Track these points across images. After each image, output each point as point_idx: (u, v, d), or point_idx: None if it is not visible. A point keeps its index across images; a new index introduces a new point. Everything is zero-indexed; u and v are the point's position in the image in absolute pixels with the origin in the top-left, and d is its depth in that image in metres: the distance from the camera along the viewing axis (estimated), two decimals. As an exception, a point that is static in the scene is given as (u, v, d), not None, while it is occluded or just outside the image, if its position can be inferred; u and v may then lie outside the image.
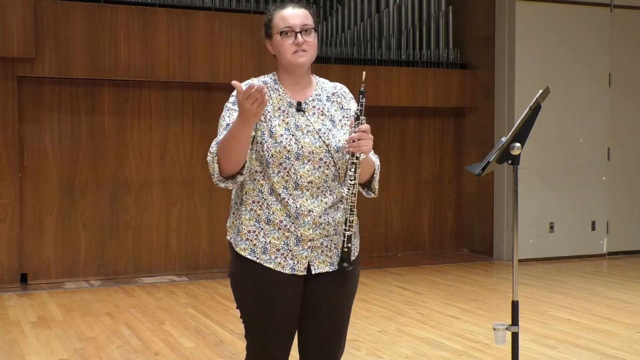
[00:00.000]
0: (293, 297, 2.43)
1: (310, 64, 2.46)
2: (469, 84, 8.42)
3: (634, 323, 5.33)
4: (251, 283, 2.44)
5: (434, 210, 8.62)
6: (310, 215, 2.39)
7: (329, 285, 2.46)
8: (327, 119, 2.46)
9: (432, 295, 6.31)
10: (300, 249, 2.41)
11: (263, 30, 2.50)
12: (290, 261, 2.41)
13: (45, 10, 6.48)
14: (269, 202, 2.40)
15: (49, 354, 4.51)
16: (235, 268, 2.50)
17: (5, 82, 6.46)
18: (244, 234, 2.43)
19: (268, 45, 2.49)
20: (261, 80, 2.48)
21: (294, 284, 2.42)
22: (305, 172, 2.39)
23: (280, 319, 2.43)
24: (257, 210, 2.41)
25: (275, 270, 2.40)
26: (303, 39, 2.40)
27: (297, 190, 2.39)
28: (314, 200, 2.40)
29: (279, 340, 2.46)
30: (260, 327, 2.45)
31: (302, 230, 2.39)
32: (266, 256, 2.41)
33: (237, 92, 2.19)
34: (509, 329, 2.84)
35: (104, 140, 6.95)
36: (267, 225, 2.40)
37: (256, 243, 2.42)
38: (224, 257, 7.36)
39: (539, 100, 2.75)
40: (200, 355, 4.50)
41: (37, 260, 6.71)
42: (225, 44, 7.07)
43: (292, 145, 2.38)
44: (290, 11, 2.42)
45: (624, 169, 8.50)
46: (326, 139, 2.42)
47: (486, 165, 2.84)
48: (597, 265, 7.90)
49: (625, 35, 8.45)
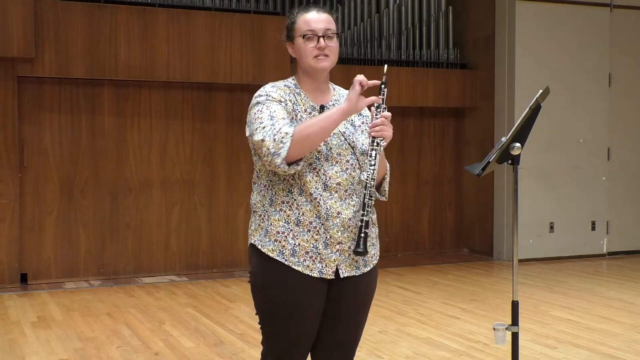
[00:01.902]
0: (318, 301, 2.41)
1: (330, 69, 2.48)
2: (469, 84, 8.42)
3: (634, 323, 5.33)
4: (278, 285, 2.39)
5: (434, 210, 8.62)
6: (339, 217, 2.39)
7: (352, 290, 2.45)
8: (348, 123, 2.49)
9: (432, 295, 6.31)
10: (329, 252, 2.39)
11: (285, 32, 2.50)
12: (319, 264, 2.38)
13: (45, 10, 6.48)
14: (299, 202, 2.37)
15: (49, 354, 4.51)
16: (261, 270, 2.42)
17: (5, 82, 6.46)
18: (273, 234, 2.38)
19: (289, 48, 2.49)
20: (283, 85, 2.47)
21: (320, 287, 2.40)
22: (334, 174, 2.39)
23: (304, 323, 2.41)
24: (287, 210, 2.38)
25: (304, 274, 2.37)
26: (325, 43, 2.41)
27: (326, 191, 2.38)
28: (342, 203, 2.40)
29: (299, 346, 2.44)
30: (283, 331, 2.42)
31: (331, 232, 2.38)
32: (295, 258, 2.37)
33: (356, 85, 2.35)
34: (509, 329, 2.84)
35: (104, 140, 6.95)
36: (297, 226, 2.37)
37: (285, 245, 2.37)
38: (224, 257, 7.37)
39: (539, 100, 2.75)
40: (200, 355, 4.50)
41: (37, 260, 6.71)
42: (225, 44, 7.07)
43: (321, 146, 2.38)
44: (314, 15, 2.43)
45: (624, 169, 8.50)
46: (351, 142, 2.44)
47: (486, 165, 2.84)
48: (597, 265, 7.90)
49: (625, 35, 8.45)
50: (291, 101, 2.42)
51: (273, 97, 2.39)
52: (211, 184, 7.35)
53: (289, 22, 2.48)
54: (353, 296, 2.46)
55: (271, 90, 2.42)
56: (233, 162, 7.41)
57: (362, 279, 2.47)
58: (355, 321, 2.51)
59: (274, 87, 2.44)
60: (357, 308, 2.49)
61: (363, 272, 2.47)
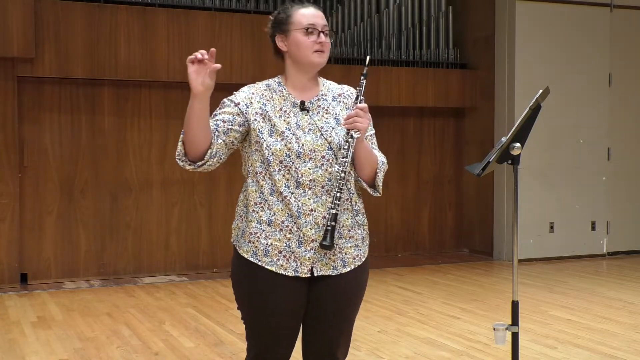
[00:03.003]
0: (295, 299, 2.41)
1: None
2: (469, 84, 8.42)
3: (634, 323, 5.33)
4: (252, 285, 2.42)
5: (434, 210, 8.62)
6: (312, 215, 2.37)
7: (332, 290, 2.43)
8: (331, 117, 2.47)
9: (432, 295, 6.30)
10: (303, 250, 2.38)
11: (274, 25, 2.48)
12: (293, 263, 2.38)
13: (45, 10, 6.48)
14: (270, 202, 2.38)
15: (49, 354, 4.51)
16: (237, 270, 2.47)
17: (5, 82, 6.46)
18: (247, 235, 2.41)
19: (279, 41, 2.47)
20: (264, 85, 2.50)
21: (296, 286, 2.40)
22: (307, 171, 2.38)
23: (281, 321, 2.41)
24: (259, 211, 2.40)
25: (277, 273, 2.38)
26: (324, 39, 2.44)
27: (299, 189, 2.38)
28: (317, 199, 2.38)
29: (279, 343, 2.45)
30: (261, 328, 2.44)
31: (304, 230, 2.37)
32: (268, 258, 2.38)
33: (189, 67, 2.37)
34: (509, 329, 2.84)
35: (104, 140, 6.95)
36: (269, 226, 2.38)
37: (258, 245, 2.39)
38: (224, 257, 7.37)
39: (539, 100, 2.75)
40: (200, 355, 4.50)
41: (37, 260, 6.71)
42: (225, 44, 7.07)
43: (292, 144, 2.38)
44: (313, 11, 2.46)
45: (624, 169, 8.50)
46: (328, 137, 2.41)
47: (486, 165, 2.84)
48: (597, 265, 7.91)
49: (625, 35, 8.45)
50: (260, 102, 2.44)
51: (232, 102, 2.48)
52: (211, 184, 7.35)
53: (282, 16, 2.47)
54: (332, 297, 2.43)
55: (244, 91, 2.51)
56: (233, 162, 7.38)
57: (341, 279, 2.43)
58: (337, 324, 2.47)
59: (251, 88, 2.51)
60: (337, 310, 2.45)
61: (341, 272, 2.43)
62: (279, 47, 2.48)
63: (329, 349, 2.50)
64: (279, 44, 2.47)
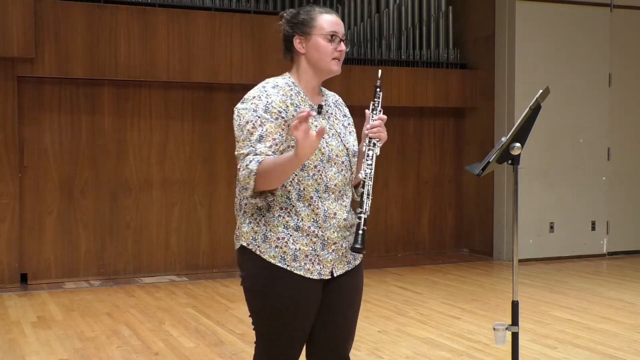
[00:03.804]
0: (315, 302, 2.44)
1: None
2: (469, 84, 8.42)
3: (634, 323, 5.33)
4: (278, 289, 2.38)
5: (434, 210, 8.62)
6: (335, 218, 2.42)
7: (344, 286, 2.48)
8: (339, 123, 2.51)
9: (432, 295, 6.30)
10: (326, 253, 2.41)
11: (294, 25, 2.45)
12: (317, 266, 2.40)
13: (45, 10, 6.48)
14: (297, 208, 2.37)
15: (49, 354, 4.51)
16: (259, 274, 2.40)
17: (5, 82, 6.46)
18: (273, 240, 2.37)
19: (297, 42, 2.44)
20: (284, 84, 2.43)
21: (317, 288, 2.43)
22: (333, 175, 2.42)
23: (302, 325, 2.43)
24: (285, 217, 2.37)
25: (305, 277, 2.39)
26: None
27: (326, 193, 2.41)
28: (337, 204, 2.43)
29: (294, 345, 2.45)
30: (280, 333, 2.42)
31: (328, 233, 2.40)
32: (296, 263, 2.38)
33: (294, 131, 2.12)
34: (509, 329, 2.84)
35: (104, 140, 6.95)
36: (296, 231, 2.38)
37: (286, 250, 2.37)
38: (224, 257, 7.37)
39: (539, 100, 2.75)
40: (200, 355, 4.50)
41: (37, 260, 6.71)
42: (225, 44, 7.07)
43: (325, 148, 2.39)
44: (335, 18, 2.46)
45: (624, 169, 8.50)
46: (346, 142, 2.47)
47: (486, 165, 2.84)
48: (597, 265, 7.90)
49: (625, 35, 8.45)
50: (293, 104, 2.39)
51: (272, 109, 2.34)
52: (211, 184, 7.35)
53: (306, 18, 2.44)
54: (345, 292, 2.49)
55: (273, 93, 2.38)
56: (233, 162, 7.32)
57: (351, 273, 2.50)
58: (350, 317, 2.53)
59: (276, 89, 2.40)
60: (350, 304, 2.52)
61: (354, 265, 2.51)
62: (295, 47, 2.45)
63: (340, 343, 2.53)
64: (297, 45, 2.45)
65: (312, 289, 2.41)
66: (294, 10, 2.51)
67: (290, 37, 2.46)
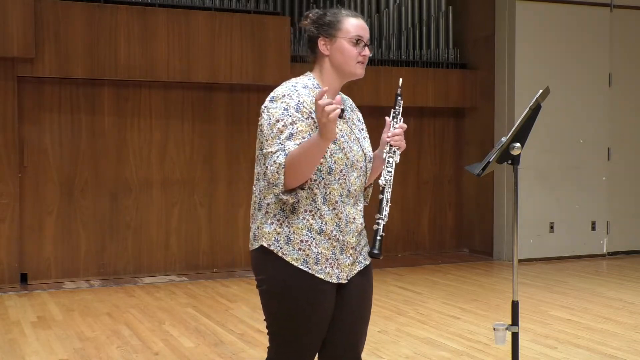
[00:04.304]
0: (331, 306, 2.44)
1: None
2: (469, 84, 8.42)
3: (634, 323, 5.33)
4: (299, 291, 2.37)
5: (434, 210, 8.62)
6: (354, 222, 2.44)
7: (355, 286, 2.48)
8: (356, 128, 2.52)
9: (432, 295, 6.30)
10: (344, 257, 2.42)
11: (319, 26, 2.43)
12: (336, 270, 2.41)
13: (45, 10, 6.48)
14: (322, 212, 2.37)
15: (49, 354, 4.51)
16: (279, 276, 2.37)
17: (5, 82, 6.46)
18: (297, 243, 2.36)
19: (321, 44, 2.43)
20: (305, 84, 2.41)
21: (333, 293, 2.43)
22: (354, 180, 2.43)
23: (320, 328, 2.42)
24: (310, 219, 2.36)
25: (325, 280, 2.39)
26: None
27: (348, 197, 2.42)
28: (354, 209, 2.45)
29: (312, 350, 2.45)
30: (298, 336, 2.41)
31: (347, 237, 2.42)
32: (318, 266, 2.37)
33: (318, 110, 2.13)
34: (509, 329, 2.84)
35: (104, 140, 6.95)
36: (319, 235, 2.37)
37: (309, 253, 2.36)
38: (224, 257, 7.37)
39: (539, 100, 2.75)
40: (200, 355, 4.50)
41: (37, 260, 6.71)
42: (225, 44, 7.07)
43: (349, 152, 2.40)
44: (362, 22, 2.45)
45: (624, 169, 8.50)
46: (364, 148, 2.49)
47: (486, 165, 2.84)
48: (597, 265, 7.90)
49: (625, 35, 8.45)
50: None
51: (304, 108, 2.34)
52: (211, 184, 7.35)
53: (332, 20, 2.42)
54: (357, 293, 2.50)
55: (304, 93, 2.37)
56: (233, 162, 7.41)
57: (362, 273, 2.50)
58: (363, 317, 2.54)
59: (307, 90, 2.39)
60: (362, 304, 2.52)
61: (364, 265, 2.51)
62: (319, 49, 2.44)
63: (353, 344, 2.53)
64: (321, 47, 2.43)
65: (330, 292, 2.41)
66: (320, 10, 2.49)
67: (315, 38, 2.44)
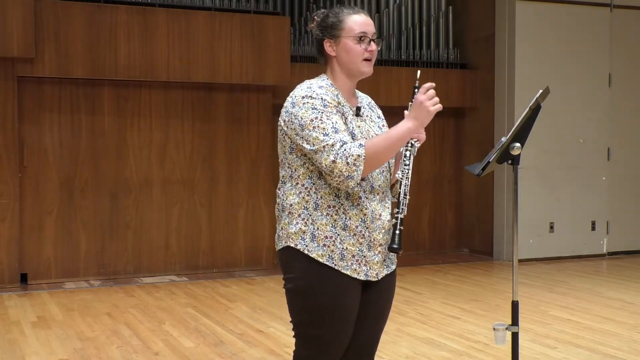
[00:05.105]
0: (357, 304, 2.43)
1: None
2: (469, 84, 8.42)
3: (634, 323, 5.33)
4: (327, 290, 2.35)
5: (434, 210, 8.62)
6: (380, 219, 2.42)
7: (382, 289, 2.48)
8: (375, 125, 2.52)
9: (432, 295, 6.30)
10: (372, 254, 2.40)
11: (323, 29, 2.44)
12: (364, 267, 2.39)
13: (45, 10, 6.48)
14: (346, 207, 2.36)
15: (49, 354, 4.51)
16: (306, 274, 2.36)
17: (5, 82, 6.46)
18: (321, 239, 2.35)
19: (327, 46, 2.43)
20: (327, 84, 2.42)
21: (359, 291, 2.42)
22: (377, 176, 2.42)
23: (348, 326, 2.40)
24: (334, 215, 2.35)
25: (351, 277, 2.37)
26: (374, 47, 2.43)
27: (372, 193, 2.41)
28: (381, 205, 2.43)
29: (337, 346, 2.42)
30: (327, 334, 2.39)
31: (374, 234, 2.39)
32: (343, 262, 2.36)
33: (421, 96, 2.33)
34: (509, 329, 2.84)
35: (104, 140, 6.95)
36: (344, 231, 2.36)
37: (333, 249, 2.35)
38: (224, 257, 7.37)
39: (539, 100, 2.75)
40: (200, 355, 4.50)
41: (37, 260, 6.71)
42: (225, 44, 7.07)
43: None
44: (364, 18, 2.44)
45: (624, 169, 8.50)
46: None
47: (486, 165, 2.83)
48: (597, 265, 7.90)
49: (625, 35, 8.45)
50: (340, 104, 2.40)
51: (329, 103, 2.34)
52: (211, 184, 7.35)
53: (334, 20, 2.42)
54: (381, 296, 2.49)
55: (322, 92, 2.36)
56: (233, 162, 7.41)
57: (389, 277, 2.50)
58: (382, 320, 2.54)
59: (323, 89, 2.38)
60: (385, 307, 2.53)
61: (392, 269, 2.51)
62: (326, 51, 2.44)
63: (371, 345, 2.54)
64: (327, 49, 2.44)
65: (355, 290, 2.39)
66: (323, 12, 2.48)
67: (321, 40, 2.45)
